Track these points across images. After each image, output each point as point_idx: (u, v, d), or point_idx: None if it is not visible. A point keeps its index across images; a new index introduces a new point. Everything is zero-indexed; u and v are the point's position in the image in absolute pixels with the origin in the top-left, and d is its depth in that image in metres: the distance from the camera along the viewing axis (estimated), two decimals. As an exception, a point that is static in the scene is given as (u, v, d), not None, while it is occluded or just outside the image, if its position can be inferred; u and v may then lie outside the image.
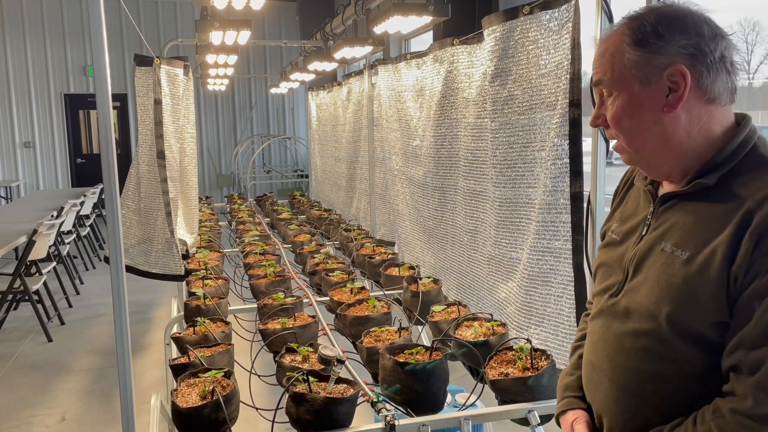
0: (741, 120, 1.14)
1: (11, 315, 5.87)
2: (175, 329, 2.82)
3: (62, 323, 5.74)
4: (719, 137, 1.12)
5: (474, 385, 1.99)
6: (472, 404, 1.94)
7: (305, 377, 1.74)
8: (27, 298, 5.35)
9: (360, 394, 1.77)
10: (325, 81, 6.85)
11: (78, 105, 11.91)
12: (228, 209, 5.90)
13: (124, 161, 12.44)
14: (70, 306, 6.27)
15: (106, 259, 3.73)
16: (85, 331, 5.59)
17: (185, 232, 3.82)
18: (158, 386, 4.28)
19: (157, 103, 3.30)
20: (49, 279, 5.85)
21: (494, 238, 2.41)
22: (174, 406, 1.66)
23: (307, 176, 11.66)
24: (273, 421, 1.68)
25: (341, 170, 5.17)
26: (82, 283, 7.12)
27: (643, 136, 1.13)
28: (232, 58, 4.94)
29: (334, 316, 2.61)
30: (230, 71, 6.36)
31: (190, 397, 1.75)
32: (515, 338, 2.04)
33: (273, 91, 7.75)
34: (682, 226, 1.11)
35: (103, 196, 9.47)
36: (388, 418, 1.63)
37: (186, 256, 3.61)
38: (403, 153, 3.44)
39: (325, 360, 1.72)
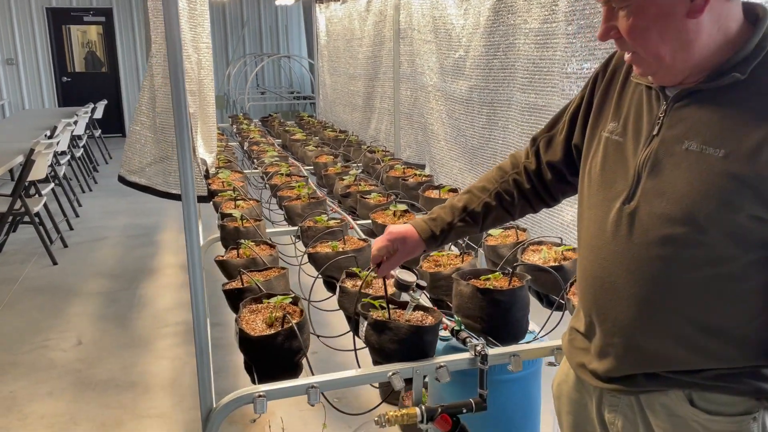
0: (761, 13, 1.09)
1: (11, 237, 5.67)
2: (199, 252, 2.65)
3: (65, 246, 5.56)
4: (736, 33, 1.07)
5: (549, 314, 1.86)
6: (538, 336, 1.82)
7: (383, 304, 1.60)
8: (27, 219, 5.15)
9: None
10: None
11: (61, 20, 11.28)
12: (235, 130, 5.64)
13: (112, 81, 11.95)
14: (71, 228, 6.08)
15: (121, 179, 3.52)
16: (89, 254, 5.42)
17: (204, 151, 3.59)
18: (175, 310, 4.17)
19: (174, 7, 3.00)
20: (47, 201, 5.62)
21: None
22: (243, 334, 1.51)
23: (304, 98, 11.30)
24: (354, 349, 1.55)
25: (357, 89, 4.90)
26: (80, 205, 6.90)
27: (665, 46, 1.07)
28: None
29: (380, 239, 2.46)
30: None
31: (255, 324, 1.60)
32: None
33: (278, 2, 7.25)
34: (709, 123, 1.06)
35: (95, 116, 9.14)
36: (479, 348, 1.50)
37: (206, 177, 3.41)
38: (440, 67, 3.20)
39: (403, 285, 1.57)
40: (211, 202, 3.08)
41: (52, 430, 2.93)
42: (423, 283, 1.57)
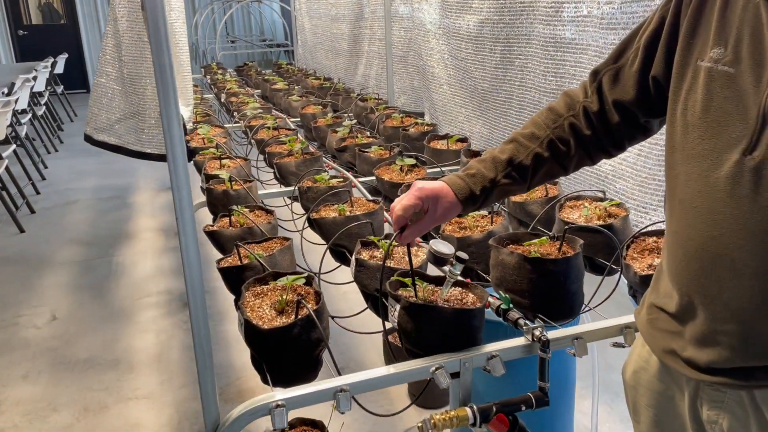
0: None
1: (-29, 205, 5.27)
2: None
3: (32, 212, 5.19)
4: None
5: (599, 282, 1.61)
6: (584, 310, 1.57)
7: (416, 282, 1.33)
8: (-12, 185, 4.76)
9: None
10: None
11: (12, -33, 10.51)
12: (209, 81, 5.23)
13: (71, 33, 11.25)
14: (38, 193, 5.69)
15: (88, 138, 3.16)
16: (59, 219, 5.06)
17: (180, 104, 3.24)
18: (156, 278, 3.88)
19: (137, -63, 2.61)
20: (9, 164, 5.20)
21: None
22: (250, 326, 1.23)
23: (278, 45, 10.75)
24: (384, 331, 1.28)
25: (341, 31, 4.52)
26: (45, 167, 6.47)
27: None
28: None
29: (387, 200, 2.18)
30: None
31: (263, 311, 1.32)
32: (659, 221, 1.63)
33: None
34: None
35: (56, 71, 8.55)
36: (538, 333, 1.25)
37: (184, 133, 3.06)
38: (442, 1, 2.86)
39: (439, 259, 1.30)
40: (192, 162, 2.75)
41: (29, 418, 2.66)
42: (464, 256, 1.29)
